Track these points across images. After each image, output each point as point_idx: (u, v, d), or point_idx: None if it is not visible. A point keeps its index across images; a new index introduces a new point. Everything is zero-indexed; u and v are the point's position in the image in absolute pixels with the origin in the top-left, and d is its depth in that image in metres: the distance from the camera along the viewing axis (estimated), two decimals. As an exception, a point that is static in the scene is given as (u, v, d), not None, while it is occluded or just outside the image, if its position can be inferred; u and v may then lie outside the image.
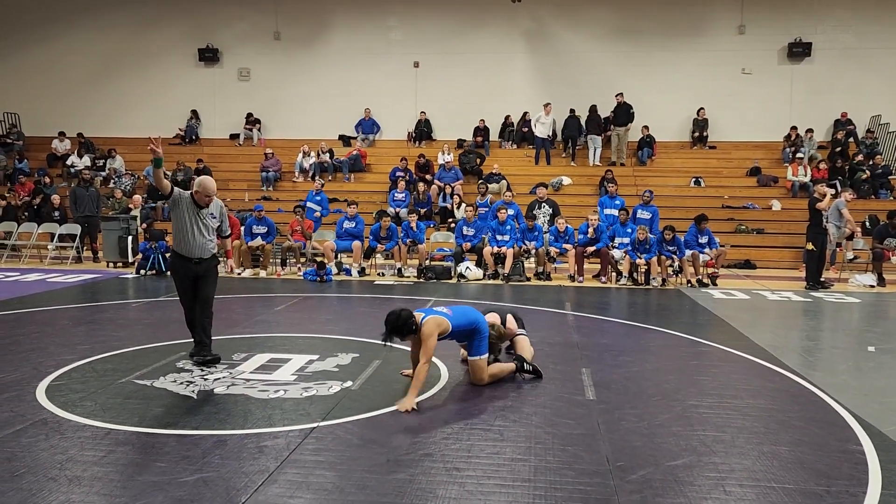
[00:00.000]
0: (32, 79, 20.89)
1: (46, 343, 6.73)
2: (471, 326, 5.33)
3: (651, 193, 13.34)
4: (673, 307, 9.71)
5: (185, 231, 5.90)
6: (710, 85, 19.03)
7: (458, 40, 19.74)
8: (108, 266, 13.44)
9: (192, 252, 5.92)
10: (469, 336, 5.37)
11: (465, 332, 5.33)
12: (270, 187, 17.95)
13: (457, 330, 5.24)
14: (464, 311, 5.45)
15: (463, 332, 5.32)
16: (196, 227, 5.93)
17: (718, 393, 5.33)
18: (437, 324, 5.08)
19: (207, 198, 5.95)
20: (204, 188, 5.93)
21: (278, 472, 3.71)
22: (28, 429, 4.31)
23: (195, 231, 5.93)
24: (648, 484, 3.64)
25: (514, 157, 18.97)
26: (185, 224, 5.90)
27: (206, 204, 5.97)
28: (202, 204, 5.96)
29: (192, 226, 5.91)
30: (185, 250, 5.92)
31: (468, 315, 5.39)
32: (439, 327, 5.09)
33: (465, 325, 5.30)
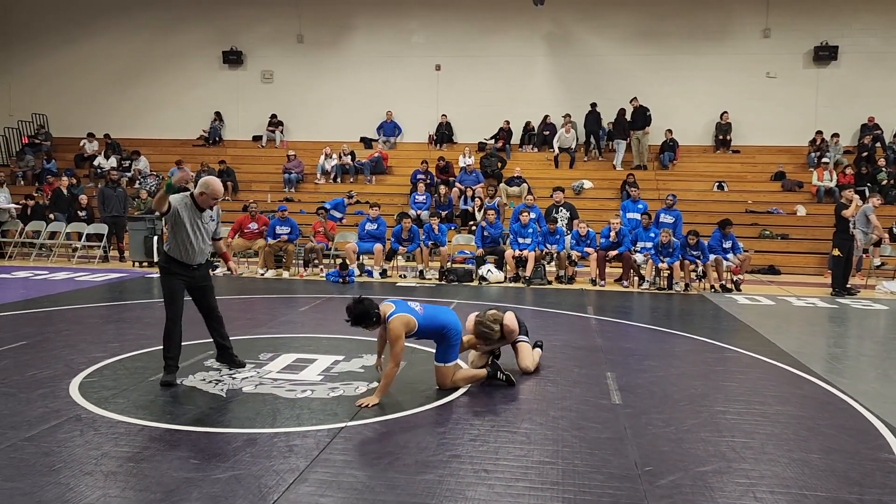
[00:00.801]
0: (60, 80, 21.21)
1: (77, 340, 6.84)
2: (439, 330, 5.24)
3: (674, 197, 13.27)
4: (696, 312, 9.66)
5: (186, 236, 5.46)
6: (735, 89, 18.89)
7: (480, 43, 19.76)
8: (134, 266, 13.61)
9: (192, 258, 5.55)
10: (437, 339, 5.29)
11: (432, 333, 5.25)
12: (293, 189, 18.08)
13: (423, 329, 5.16)
14: (436, 312, 5.35)
15: (429, 333, 5.24)
16: (197, 232, 5.53)
17: (746, 399, 5.30)
18: (403, 323, 5.02)
19: (214, 200, 5.56)
20: (211, 190, 5.48)
21: (308, 471, 3.75)
22: (63, 424, 4.39)
23: (196, 236, 5.53)
24: (678, 489, 3.63)
25: (535, 161, 18.94)
26: (186, 229, 5.45)
27: (210, 207, 5.61)
28: (206, 206, 5.57)
29: (193, 230, 5.49)
30: (184, 256, 5.51)
31: (439, 317, 5.29)
32: (406, 327, 5.04)
33: (433, 327, 5.22)
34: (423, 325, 5.14)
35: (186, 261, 5.54)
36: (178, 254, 5.51)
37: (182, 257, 5.52)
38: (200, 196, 5.52)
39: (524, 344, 5.96)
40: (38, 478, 3.58)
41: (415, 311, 5.19)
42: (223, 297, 9.98)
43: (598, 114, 18.62)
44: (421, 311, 5.24)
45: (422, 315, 5.19)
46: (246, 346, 6.65)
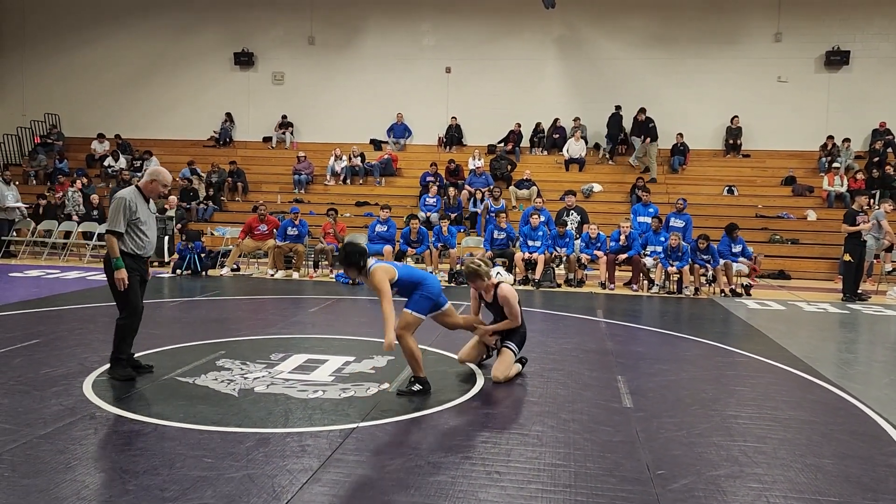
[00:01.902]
0: (73, 81, 21.36)
1: (90, 339, 6.89)
2: (418, 281, 5.49)
3: (685, 202, 13.24)
4: (706, 316, 9.63)
5: (141, 228, 5.45)
6: (745, 93, 18.83)
7: (491, 46, 19.78)
8: (145, 265, 13.66)
9: (147, 250, 5.56)
10: (411, 288, 5.47)
11: (411, 285, 5.46)
12: (302, 190, 18.13)
13: (402, 279, 5.40)
14: (415, 270, 5.70)
15: (408, 284, 5.45)
16: (151, 223, 5.56)
17: (757, 403, 5.29)
18: (384, 271, 5.30)
19: (164, 188, 5.56)
20: (162, 177, 5.54)
21: (321, 471, 3.76)
22: (77, 422, 4.42)
23: (150, 227, 5.55)
24: (691, 493, 3.63)
25: (545, 164, 18.93)
26: (141, 221, 5.43)
27: (159, 195, 5.61)
28: (156, 194, 5.58)
29: (146, 221, 5.50)
30: (141, 249, 5.50)
31: (418, 273, 5.60)
32: (387, 273, 5.30)
33: (412, 279, 5.48)
34: (402, 275, 5.42)
35: (142, 253, 5.53)
36: (134, 247, 5.46)
37: (138, 250, 5.50)
38: (150, 184, 5.54)
39: (509, 352, 5.83)
40: (54, 475, 3.61)
41: (395, 265, 5.56)
42: (234, 298, 10.05)
43: (620, 116, 18.55)
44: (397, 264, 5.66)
45: (401, 268, 5.51)
46: (257, 347, 6.69)
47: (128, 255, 5.43)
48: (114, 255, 5.35)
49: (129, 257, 5.44)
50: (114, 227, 5.37)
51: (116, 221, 5.36)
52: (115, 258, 5.35)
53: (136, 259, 5.48)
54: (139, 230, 5.46)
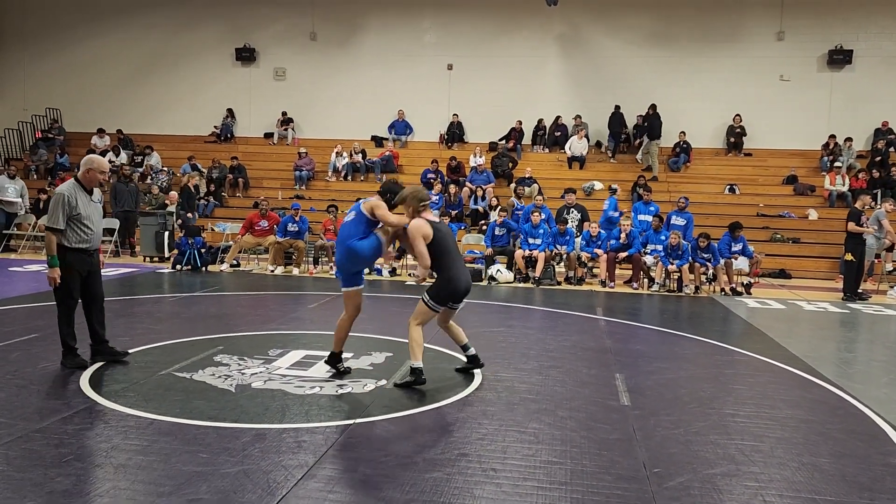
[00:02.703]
0: (74, 76, 21.35)
1: (87, 334, 6.86)
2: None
3: (686, 200, 13.22)
4: (706, 315, 9.62)
5: (84, 222, 5.45)
6: (747, 92, 18.79)
7: (492, 43, 19.75)
8: (146, 261, 13.69)
9: (90, 242, 5.53)
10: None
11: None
12: (303, 186, 18.13)
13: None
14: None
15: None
16: (93, 215, 5.54)
17: (755, 402, 5.28)
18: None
19: (102, 174, 5.54)
20: (97, 164, 5.51)
21: (317, 467, 3.75)
22: (74, 417, 4.42)
23: (93, 219, 5.53)
24: (687, 491, 3.62)
25: (546, 161, 18.92)
26: (81, 214, 5.43)
27: (99, 184, 5.60)
28: (95, 183, 5.55)
29: (87, 214, 5.47)
30: (83, 242, 5.48)
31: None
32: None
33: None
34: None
35: (87, 246, 5.52)
36: (78, 242, 5.45)
37: (83, 244, 5.49)
38: (87, 174, 5.50)
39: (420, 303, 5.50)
40: (49, 469, 3.61)
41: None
42: (234, 294, 10.05)
43: (621, 115, 18.54)
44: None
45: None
46: (255, 342, 6.68)
47: (72, 249, 5.43)
48: (49, 253, 5.36)
49: (74, 251, 5.44)
50: (52, 224, 5.36)
51: (55, 218, 5.35)
52: (50, 255, 5.35)
53: (81, 253, 5.49)
54: (81, 224, 5.45)
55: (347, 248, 5.34)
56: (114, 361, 5.73)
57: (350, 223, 5.42)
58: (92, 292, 5.71)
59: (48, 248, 5.38)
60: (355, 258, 5.39)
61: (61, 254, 5.40)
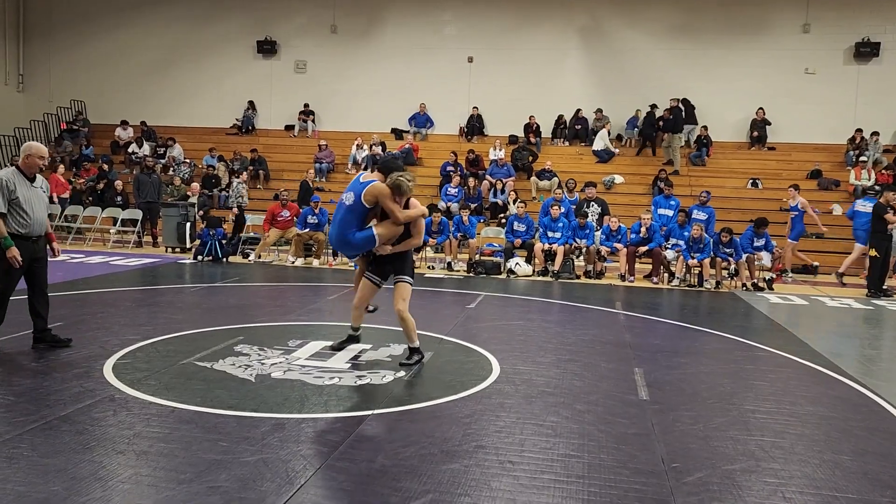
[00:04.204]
0: (98, 68, 21.56)
1: (111, 323, 6.98)
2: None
3: (708, 194, 13.10)
4: (727, 310, 9.54)
5: (24, 206, 5.50)
6: (772, 85, 18.53)
7: (513, 36, 19.65)
8: (167, 251, 13.83)
9: (32, 229, 5.57)
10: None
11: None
12: (323, 178, 18.19)
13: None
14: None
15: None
16: (34, 201, 5.58)
17: (776, 398, 5.23)
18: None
19: (41, 160, 5.60)
20: (35, 150, 5.58)
21: (335, 457, 3.78)
22: (97, 404, 4.48)
23: (33, 205, 5.57)
24: (706, 486, 3.60)
25: (566, 155, 18.82)
26: (21, 200, 5.48)
27: (39, 169, 5.65)
28: (35, 170, 5.61)
29: (27, 201, 5.53)
30: (25, 228, 5.52)
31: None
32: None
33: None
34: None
35: (27, 232, 5.55)
36: (18, 227, 5.50)
37: (22, 229, 5.52)
38: (26, 160, 5.56)
39: (405, 284, 5.72)
40: (73, 455, 3.66)
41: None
42: (254, 285, 10.13)
43: (654, 115, 18.23)
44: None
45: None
46: (275, 333, 6.74)
47: (13, 235, 5.49)
48: (1, 235, 5.44)
49: (14, 237, 5.49)
50: None
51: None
52: (3, 238, 5.43)
53: (22, 239, 5.53)
54: (21, 210, 5.50)
55: (343, 238, 5.46)
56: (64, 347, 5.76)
57: (348, 210, 5.44)
58: (36, 280, 5.77)
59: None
60: (348, 247, 5.61)
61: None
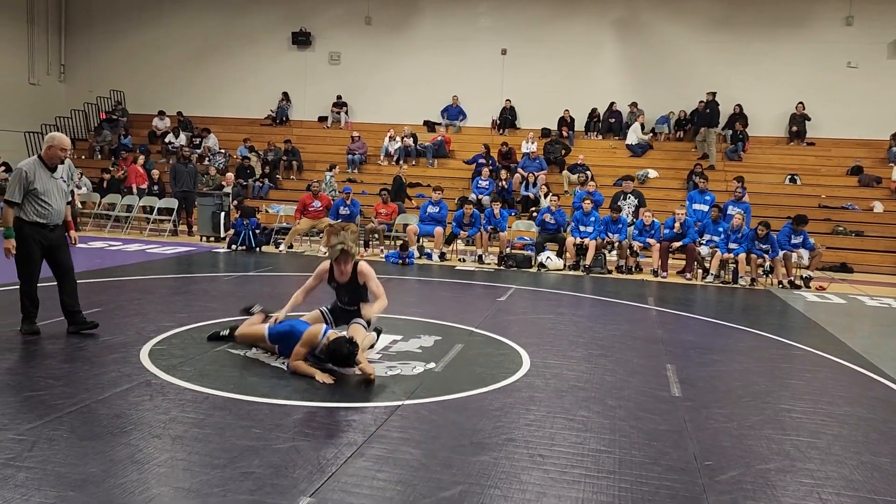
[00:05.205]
0: (137, 59, 21.88)
1: (147, 310, 7.11)
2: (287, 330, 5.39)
3: (744, 189, 12.88)
4: (762, 307, 9.38)
5: (42, 196, 5.59)
6: (812, 79, 18.13)
7: (548, 28, 19.49)
8: (202, 240, 14.03)
9: (49, 218, 5.66)
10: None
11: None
12: (356, 170, 18.28)
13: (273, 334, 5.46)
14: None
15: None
16: (53, 192, 5.66)
17: (812, 398, 5.13)
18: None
19: (63, 151, 5.67)
20: (58, 141, 5.64)
21: (366, 446, 3.81)
22: (134, 389, 4.57)
23: (52, 195, 5.65)
24: (739, 485, 3.55)
25: (599, 149, 18.65)
26: (38, 189, 5.57)
27: (60, 161, 5.71)
28: (56, 161, 5.68)
29: (45, 190, 5.61)
30: (44, 217, 5.62)
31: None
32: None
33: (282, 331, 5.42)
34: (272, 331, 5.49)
35: (45, 221, 5.64)
36: (35, 216, 5.60)
37: (40, 218, 5.61)
38: (48, 151, 5.64)
39: (359, 327, 5.59)
40: (110, 438, 3.74)
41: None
42: (287, 274, 10.22)
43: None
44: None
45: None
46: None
47: (29, 223, 5.60)
48: (4, 224, 5.59)
49: (31, 225, 5.61)
50: (8, 197, 5.58)
51: (12, 191, 5.56)
52: (5, 227, 5.58)
53: (39, 227, 5.63)
54: (39, 199, 5.59)
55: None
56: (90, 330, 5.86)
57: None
58: (60, 266, 5.87)
59: (3, 220, 5.63)
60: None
61: (18, 226, 5.60)
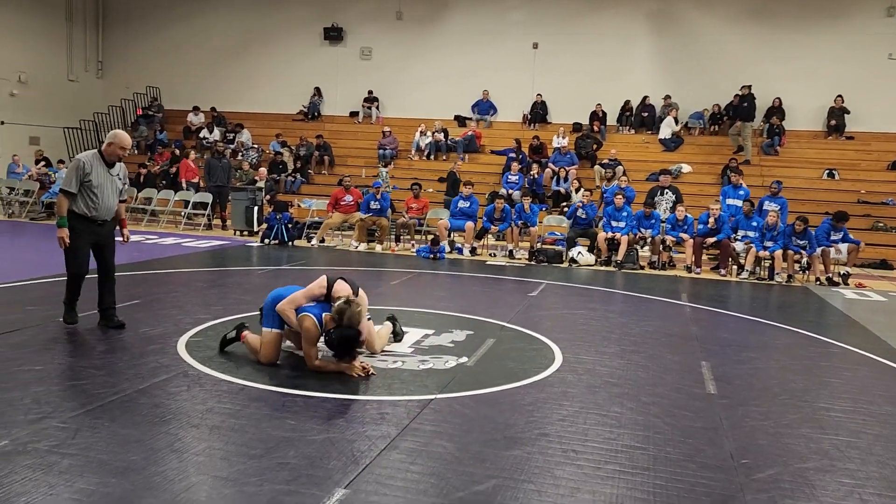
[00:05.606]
0: (172, 55, 22.19)
1: (184, 302, 7.23)
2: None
3: (780, 184, 12.66)
4: (799, 304, 9.23)
5: (93, 191, 5.62)
6: (851, 71, 17.71)
7: (579, 21, 19.31)
8: (235, 234, 14.21)
9: (98, 213, 5.69)
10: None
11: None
12: (387, 164, 18.33)
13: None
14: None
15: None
16: (107, 187, 5.70)
17: (852, 397, 5.03)
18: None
19: (122, 150, 5.72)
20: (119, 140, 5.69)
21: (399, 439, 3.83)
22: (172, 379, 4.66)
23: (105, 190, 5.69)
24: (777, 484, 3.50)
25: (632, 143, 18.46)
26: (93, 183, 5.61)
27: (119, 158, 5.76)
28: (115, 158, 5.73)
29: (100, 185, 5.65)
30: (91, 211, 5.66)
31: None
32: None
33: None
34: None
35: (94, 215, 5.67)
36: (86, 209, 5.64)
37: (89, 211, 5.65)
38: (108, 147, 5.69)
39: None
40: (150, 427, 3.82)
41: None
42: (319, 268, 10.31)
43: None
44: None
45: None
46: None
47: (79, 216, 5.64)
48: (59, 214, 5.65)
49: (80, 218, 5.65)
50: (64, 187, 5.63)
51: (68, 181, 5.61)
52: (59, 216, 5.64)
53: (87, 221, 5.67)
54: (91, 192, 5.62)
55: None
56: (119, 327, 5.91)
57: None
58: (103, 263, 5.95)
59: (58, 209, 5.68)
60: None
61: (72, 218, 5.64)
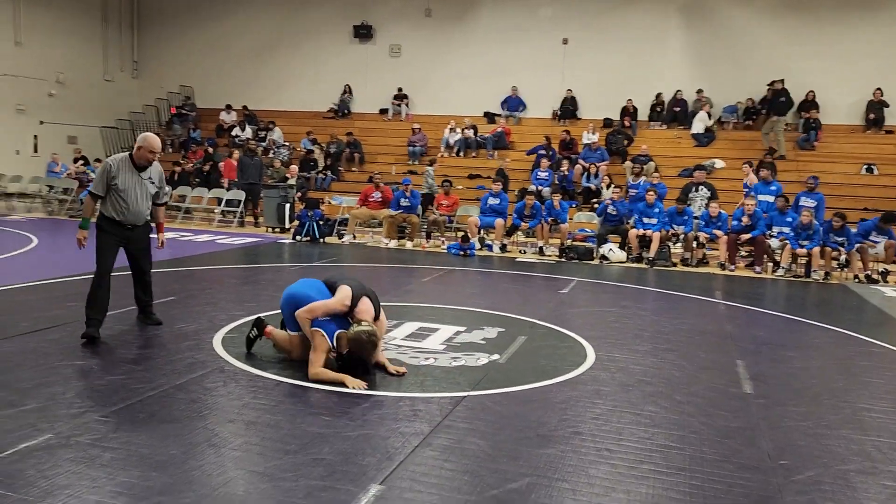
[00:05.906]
0: (205, 55, 22.47)
1: (218, 298, 7.33)
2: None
3: (816, 180, 12.42)
4: (837, 302, 9.05)
5: (121, 195, 5.49)
6: (890, 63, 17.26)
7: (610, 16, 19.12)
8: (268, 231, 14.36)
9: (126, 218, 5.57)
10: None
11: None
12: (416, 161, 18.37)
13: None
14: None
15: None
16: (136, 191, 5.55)
17: (894, 397, 4.93)
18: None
19: (151, 154, 5.57)
20: (148, 143, 5.53)
21: (432, 436, 3.84)
22: (208, 375, 4.72)
23: (134, 195, 5.55)
24: (817, 486, 3.44)
25: (664, 138, 18.24)
26: (120, 188, 5.48)
27: (149, 162, 5.61)
28: (144, 162, 5.58)
29: (128, 189, 5.51)
30: (119, 215, 5.54)
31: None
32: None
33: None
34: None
35: (121, 219, 5.56)
36: (113, 212, 5.55)
37: (117, 215, 5.55)
38: (138, 150, 5.56)
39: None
40: (188, 422, 3.88)
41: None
42: (350, 265, 10.37)
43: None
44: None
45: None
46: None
47: (107, 218, 5.58)
48: (83, 215, 5.69)
49: (108, 220, 5.58)
50: (91, 188, 5.61)
51: (96, 184, 5.57)
52: (83, 217, 5.67)
53: (117, 224, 5.58)
54: (118, 196, 5.51)
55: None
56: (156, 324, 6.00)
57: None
58: (137, 268, 5.93)
59: (84, 210, 5.73)
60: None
61: (100, 220, 5.61)
